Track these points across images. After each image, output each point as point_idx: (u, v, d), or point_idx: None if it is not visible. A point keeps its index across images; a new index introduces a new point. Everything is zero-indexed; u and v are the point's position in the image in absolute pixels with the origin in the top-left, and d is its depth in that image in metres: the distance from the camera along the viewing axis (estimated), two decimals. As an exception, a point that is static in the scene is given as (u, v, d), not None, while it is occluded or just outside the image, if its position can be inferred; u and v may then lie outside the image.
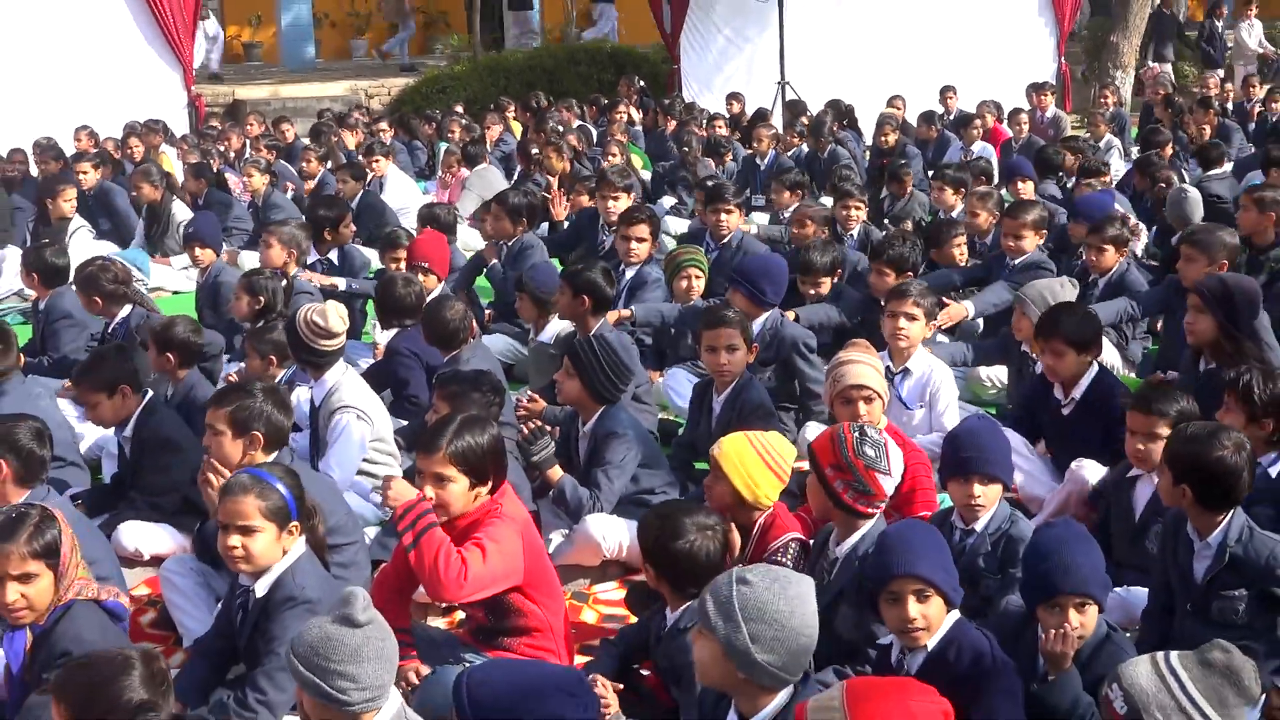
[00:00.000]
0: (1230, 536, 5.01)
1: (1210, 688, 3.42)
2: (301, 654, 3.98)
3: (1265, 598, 4.94)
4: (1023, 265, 9.46)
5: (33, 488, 5.70)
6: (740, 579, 3.94)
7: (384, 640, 4.07)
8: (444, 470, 5.07)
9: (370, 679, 3.98)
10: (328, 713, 3.99)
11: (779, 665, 3.89)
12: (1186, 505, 5.07)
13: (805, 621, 3.93)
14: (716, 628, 3.89)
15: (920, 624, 4.38)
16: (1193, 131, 16.63)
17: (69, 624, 4.61)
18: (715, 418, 7.20)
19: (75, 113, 18.27)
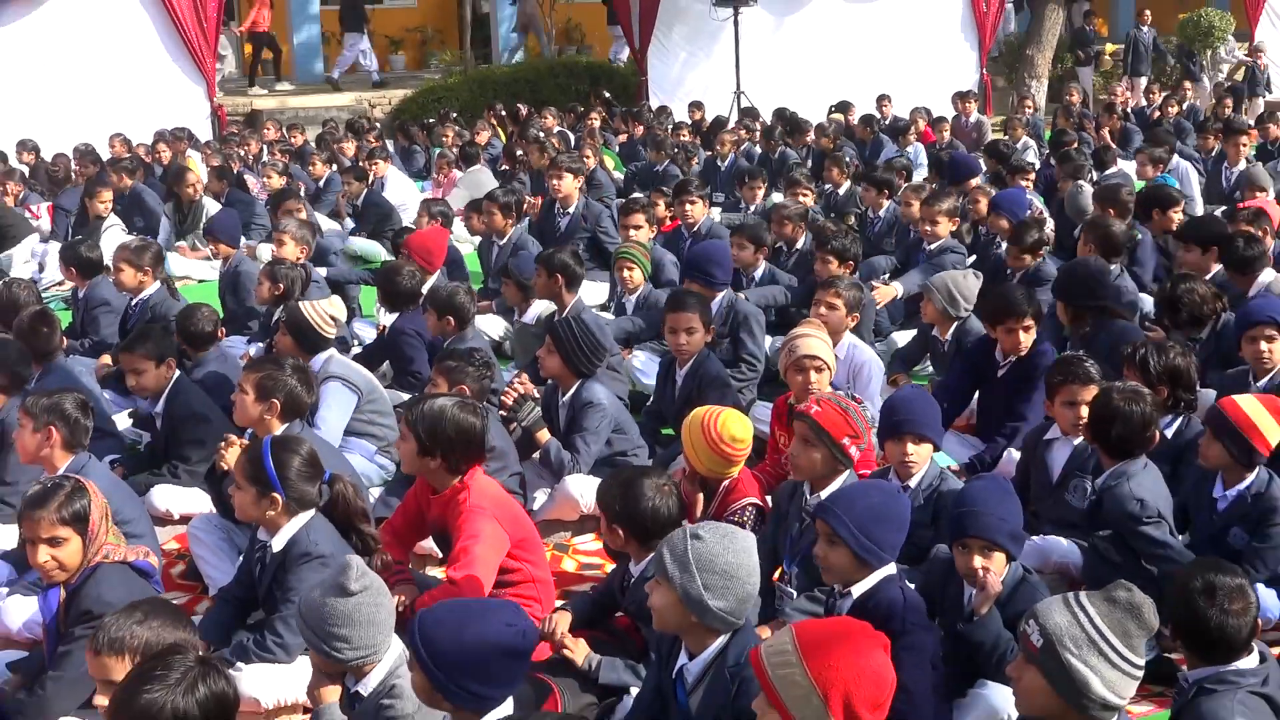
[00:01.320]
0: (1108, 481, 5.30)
1: (1115, 621, 3.42)
2: (306, 617, 4.06)
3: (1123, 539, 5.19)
4: (938, 249, 9.49)
5: (76, 453, 5.69)
6: (694, 535, 3.96)
7: (376, 606, 4.10)
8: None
9: (361, 640, 4.05)
10: (329, 666, 4.10)
11: (728, 610, 3.92)
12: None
13: (750, 572, 3.96)
14: (673, 577, 3.91)
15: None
16: (1103, 133, 16.67)
17: (93, 586, 4.60)
18: (678, 389, 7.24)
19: (110, 121, 18.13)
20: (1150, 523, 5.11)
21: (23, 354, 6.88)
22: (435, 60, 28.17)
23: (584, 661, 4.82)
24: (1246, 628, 3.85)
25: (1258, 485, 5.34)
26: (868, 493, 4.63)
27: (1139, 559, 5.17)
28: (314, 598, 4.08)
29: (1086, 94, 22.76)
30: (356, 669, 4.10)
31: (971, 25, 23.45)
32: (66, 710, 4.63)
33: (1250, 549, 5.27)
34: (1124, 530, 5.15)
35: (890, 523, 4.48)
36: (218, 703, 3.35)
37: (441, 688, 3.58)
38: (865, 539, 4.39)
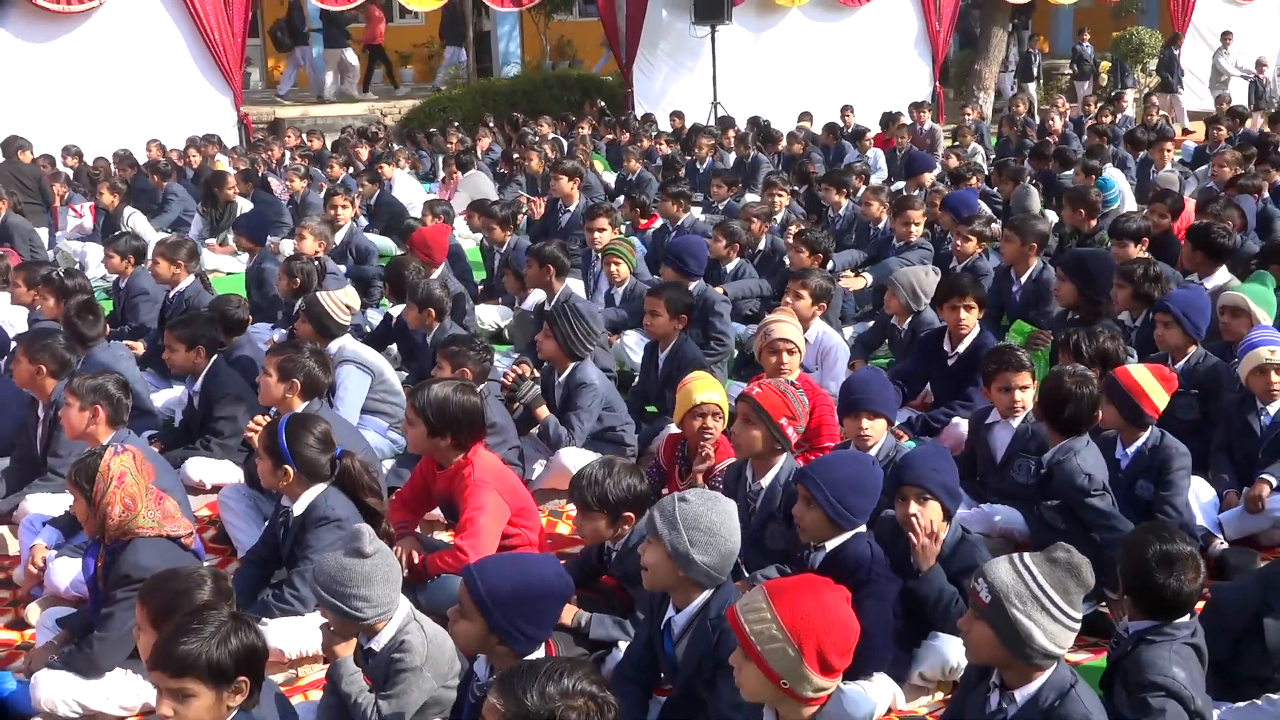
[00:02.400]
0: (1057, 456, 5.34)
1: (1056, 580, 3.45)
2: (323, 582, 4.06)
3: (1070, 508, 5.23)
4: (904, 245, 9.51)
5: (117, 429, 5.70)
6: (681, 498, 4.01)
7: (390, 566, 4.15)
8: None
9: (379, 598, 4.08)
10: (348, 627, 4.11)
11: (712, 565, 3.97)
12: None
13: (731, 530, 4.01)
14: (663, 535, 3.95)
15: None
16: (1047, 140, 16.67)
17: (131, 554, 4.59)
18: (660, 370, 7.28)
19: (146, 128, 18.08)
20: (1096, 495, 5.16)
21: (70, 341, 6.87)
22: (441, 73, 28.08)
23: (573, 620, 4.84)
24: (1197, 594, 3.90)
25: (1152, 440, 5.55)
26: (844, 463, 4.69)
27: (1083, 526, 5.20)
28: (330, 563, 4.09)
29: (1032, 103, 22.75)
30: (369, 628, 4.12)
31: (925, 41, 23.46)
32: (111, 664, 4.66)
33: (1158, 497, 5.44)
34: (1072, 502, 5.18)
35: (863, 491, 4.54)
36: (248, 653, 3.38)
37: (500, 630, 3.59)
38: (839, 504, 4.46)
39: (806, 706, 3.18)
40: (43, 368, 6.43)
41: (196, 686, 3.29)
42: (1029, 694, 3.52)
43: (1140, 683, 3.77)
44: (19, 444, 6.66)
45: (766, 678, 3.14)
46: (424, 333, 7.84)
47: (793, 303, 7.42)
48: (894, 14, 23.06)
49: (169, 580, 3.91)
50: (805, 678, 3.14)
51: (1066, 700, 3.47)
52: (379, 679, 4.17)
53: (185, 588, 3.84)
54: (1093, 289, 7.46)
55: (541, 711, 2.77)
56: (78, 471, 4.72)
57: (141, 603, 3.89)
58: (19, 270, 9.39)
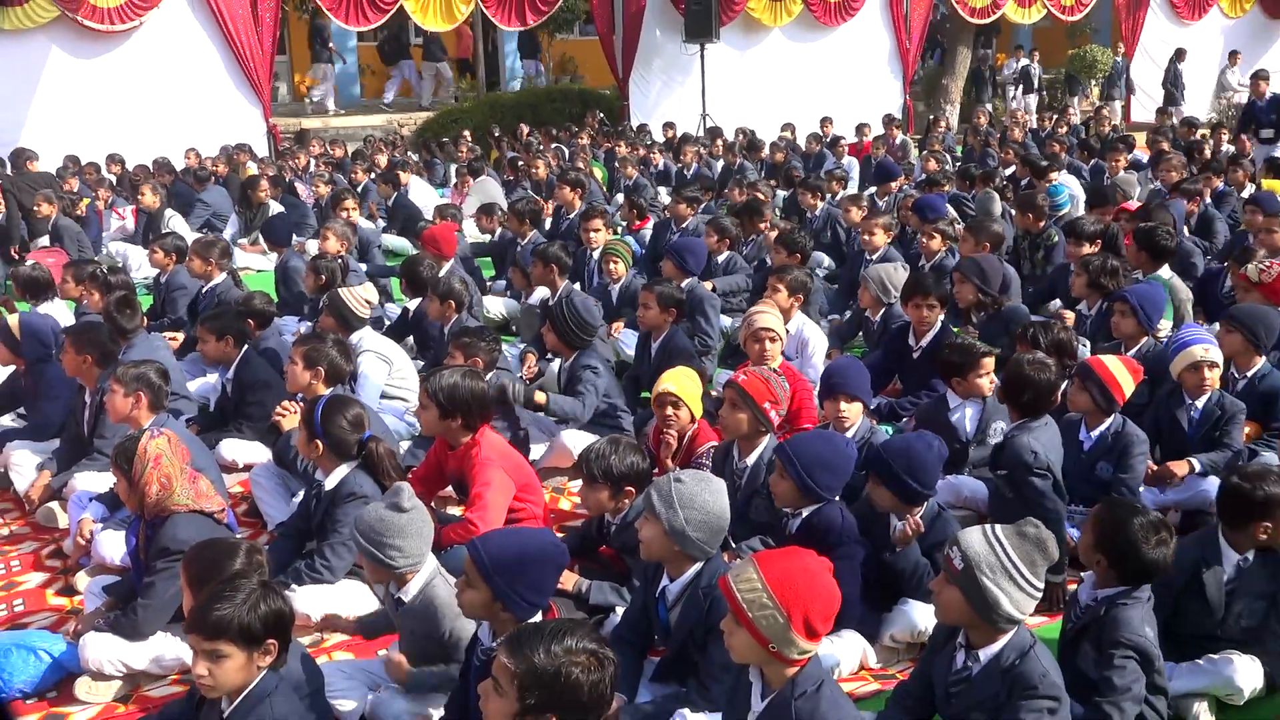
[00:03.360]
0: (1012, 431, 5.37)
1: (1024, 552, 3.45)
2: (363, 531, 4.09)
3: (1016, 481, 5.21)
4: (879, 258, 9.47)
5: (157, 414, 5.69)
6: (676, 479, 4.01)
7: (424, 522, 4.17)
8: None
9: (412, 550, 4.10)
10: (381, 574, 4.14)
11: (704, 540, 3.98)
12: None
13: (722, 508, 4.02)
14: (660, 513, 3.95)
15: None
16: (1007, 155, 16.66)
17: (170, 528, 4.60)
18: (653, 359, 7.28)
19: (183, 138, 18.12)
20: (1038, 474, 5.13)
21: (111, 333, 6.88)
22: (453, 87, 28.03)
23: (574, 586, 4.84)
24: (1169, 561, 3.92)
25: (1115, 426, 5.54)
26: (817, 441, 4.69)
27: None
28: (370, 514, 4.12)
29: (992, 116, 22.76)
30: (400, 577, 4.14)
31: (897, 58, 23.47)
32: (153, 629, 4.67)
33: (1116, 479, 5.45)
34: (1016, 475, 5.19)
35: (833, 470, 4.56)
36: (277, 618, 3.39)
37: (503, 596, 3.58)
38: (809, 479, 4.49)
39: (790, 667, 3.18)
40: (89, 357, 6.44)
41: (229, 648, 3.30)
42: (992, 653, 3.53)
43: (1113, 640, 3.79)
44: (68, 426, 6.66)
45: (757, 642, 3.14)
46: (441, 324, 7.82)
47: (772, 295, 7.44)
48: (868, 33, 23.07)
49: (210, 549, 3.94)
50: (792, 642, 3.14)
51: (1026, 659, 3.48)
52: (420, 630, 4.18)
53: (224, 556, 3.86)
54: (988, 286, 7.61)
55: (548, 667, 2.77)
56: (118, 453, 4.73)
57: (185, 569, 3.91)
58: (68, 268, 9.41)
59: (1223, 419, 5.74)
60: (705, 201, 13.19)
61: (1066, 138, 18.06)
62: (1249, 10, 25.77)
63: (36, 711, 4.56)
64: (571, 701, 2.78)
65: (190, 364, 8.25)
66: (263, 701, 3.32)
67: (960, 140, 20.07)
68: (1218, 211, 10.97)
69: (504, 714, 2.82)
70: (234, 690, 3.36)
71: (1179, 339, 5.87)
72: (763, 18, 21.98)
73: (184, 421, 6.59)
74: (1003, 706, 3.48)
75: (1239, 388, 6.13)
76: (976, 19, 23.26)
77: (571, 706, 2.78)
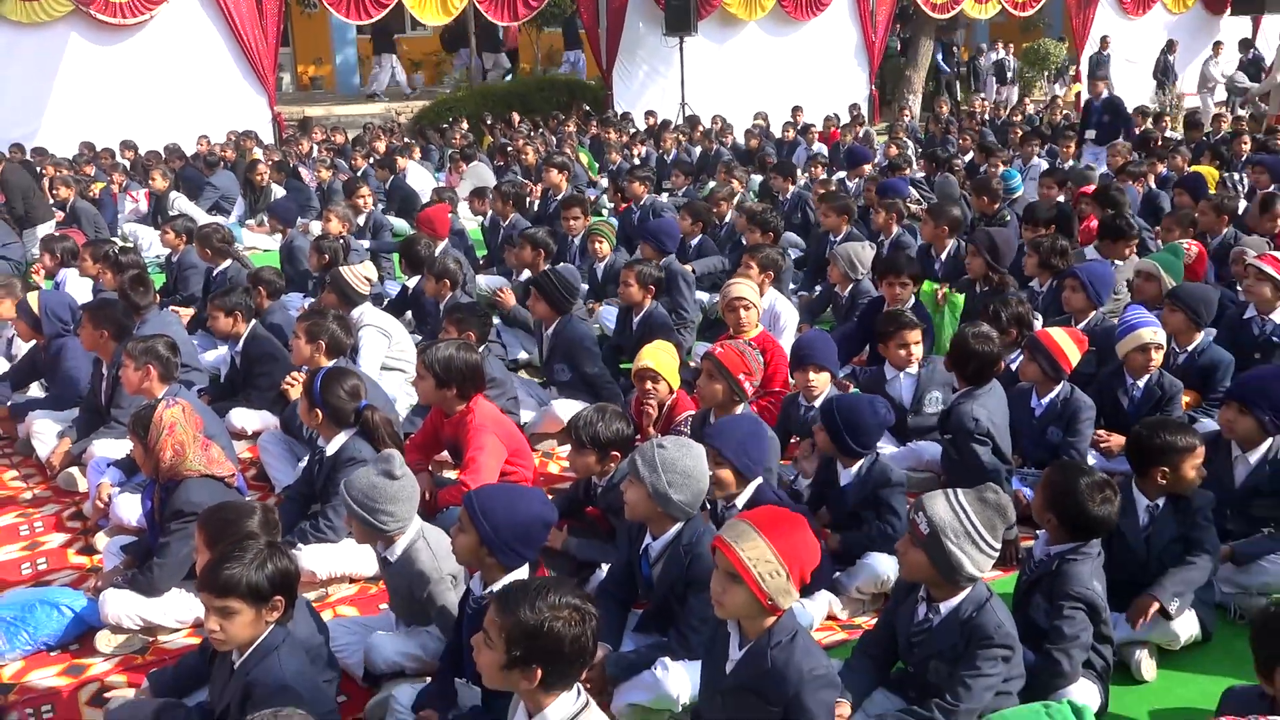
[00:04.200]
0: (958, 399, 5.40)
1: (986, 518, 3.47)
2: (355, 496, 4.07)
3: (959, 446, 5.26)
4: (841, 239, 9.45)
5: (169, 385, 5.66)
6: (659, 445, 4.00)
7: (413, 488, 4.17)
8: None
9: (402, 514, 4.11)
10: (370, 536, 4.15)
11: (685, 502, 3.97)
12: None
13: (702, 474, 4.02)
14: (644, 477, 3.95)
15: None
16: (965, 141, 16.65)
17: (182, 492, 4.60)
18: (634, 332, 7.27)
19: (193, 125, 18.03)
20: (978, 440, 5.17)
21: (125, 309, 6.84)
22: (448, 78, 27.85)
23: (562, 544, 4.84)
24: (1114, 517, 3.94)
25: (1064, 394, 5.57)
26: (737, 423, 4.70)
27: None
28: (362, 480, 4.10)
29: (954, 105, 22.74)
30: (389, 538, 4.14)
31: (863, 50, 23.39)
32: (168, 585, 4.67)
33: (1065, 442, 5.49)
34: (958, 439, 5.23)
35: (759, 443, 4.53)
36: (283, 577, 3.39)
37: (491, 544, 3.59)
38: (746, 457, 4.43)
39: (770, 617, 3.18)
40: (105, 332, 6.40)
41: (239, 605, 3.30)
42: (951, 606, 3.55)
43: (1064, 593, 3.81)
44: (87, 397, 6.63)
45: (757, 597, 3.13)
46: (437, 300, 7.79)
47: (744, 272, 7.46)
48: (836, 27, 22.98)
49: (225, 511, 3.93)
50: (789, 594, 3.15)
51: (982, 612, 3.50)
52: (400, 588, 4.21)
53: (238, 517, 3.86)
54: (998, 260, 7.53)
55: (534, 621, 2.78)
56: (135, 421, 4.72)
57: (201, 529, 3.90)
58: (85, 248, 9.39)
59: (1163, 399, 5.72)
60: (685, 186, 13.17)
61: (1022, 125, 18.05)
62: (1191, 7, 25.81)
63: (60, 663, 4.56)
64: (555, 653, 2.79)
65: (202, 338, 8.22)
66: (271, 654, 3.32)
67: (923, 127, 20.04)
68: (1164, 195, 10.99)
69: (493, 664, 2.84)
70: (244, 644, 3.36)
71: (1127, 321, 5.83)
72: (738, 12, 21.87)
73: (196, 392, 6.60)
74: (961, 655, 3.51)
75: (1180, 361, 6.15)
76: (937, 14, 23.19)
77: (555, 658, 2.80)
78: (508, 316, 8.13)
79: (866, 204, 10.82)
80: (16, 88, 17.35)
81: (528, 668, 2.80)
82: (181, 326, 7.70)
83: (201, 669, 3.84)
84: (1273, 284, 6.49)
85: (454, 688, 3.83)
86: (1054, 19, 26.60)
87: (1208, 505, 4.38)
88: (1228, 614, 4.58)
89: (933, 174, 12.88)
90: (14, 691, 4.37)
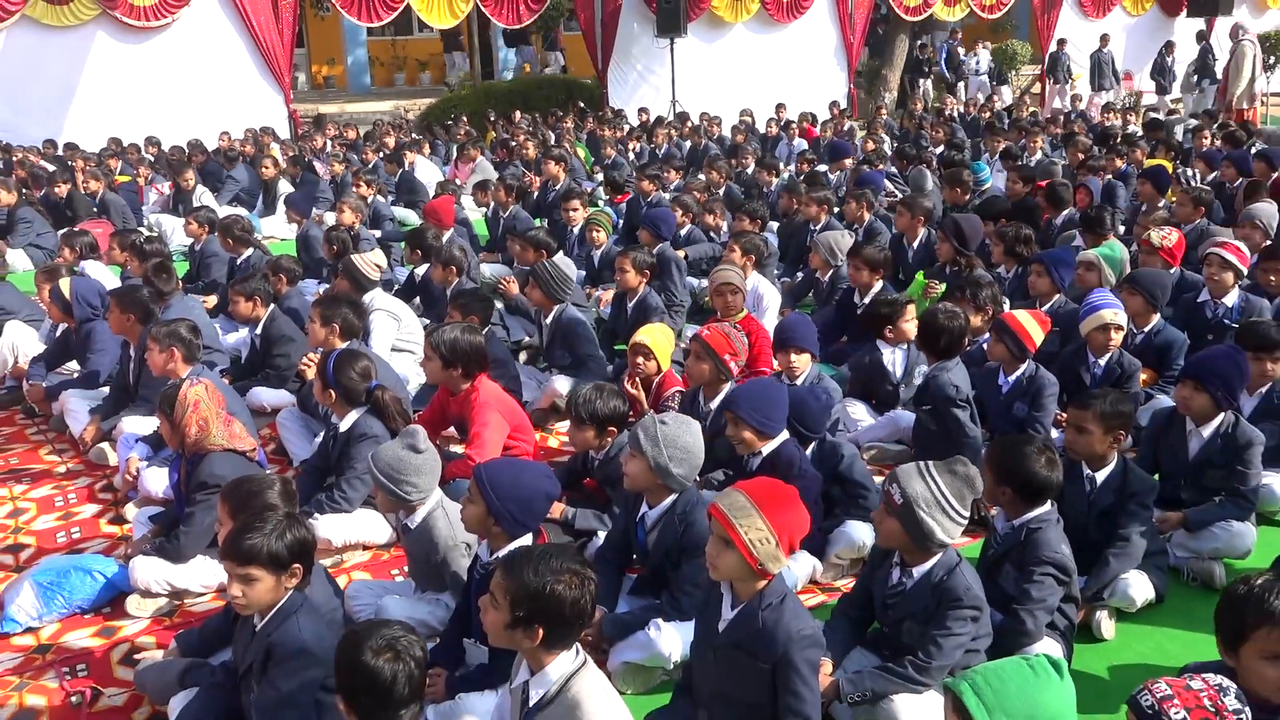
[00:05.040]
0: (933, 371, 5.42)
1: (956, 489, 3.47)
2: (382, 468, 4.10)
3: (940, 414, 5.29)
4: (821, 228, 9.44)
5: (193, 365, 5.64)
6: (661, 421, 4.01)
7: (435, 462, 4.19)
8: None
9: (425, 485, 4.13)
10: (394, 505, 4.16)
11: (684, 475, 3.99)
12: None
13: (699, 447, 4.04)
14: (646, 450, 3.96)
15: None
16: (939, 135, 16.58)
17: (206, 465, 4.59)
18: (629, 315, 7.25)
19: (214, 122, 17.92)
20: (960, 407, 5.22)
21: (151, 295, 6.82)
22: (452, 77, 27.73)
23: (562, 514, 4.85)
24: (1060, 478, 3.94)
25: (1029, 371, 5.56)
26: (756, 389, 4.73)
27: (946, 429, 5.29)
28: (389, 452, 4.13)
29: (927, 101, 22.67)
30: (410, 507, 4.15)
31: (842, 50, 23.30)
32: (193, 553, 4.67)
33: (1030, 416, 5.48)
34: (941, 409, 5.24)
35: (778, 407, 4.59)
36: (301, 545, 3.38)
37: (497, 514, 3.60)
38: (761, 418, 4.51)
39: (761, 580, 3.19)
40: (131, 316, 6.37)
41: (259, 572, 3.29)
42: (924, 570, 3.55)
43: (1035, 559, 3.81)
44: (116, 377, 6.62)
45: (748, 562, 3.13)
46: (444, 286, 7.77)
47: (729, 256, 7.49)
48: (817, 29, 22.89)
49: (247, 483, 3.91)
50: (778, 559, 3.15)
51: (952, 575, 3.51)
52: (419, 554, 4.21)
53: (259, 489, 3.85)
54: (964, 244, 7.54)
55: (537, 584, 2.79)
56: (162, 399, 4.71)
57: (223, 500, 3.89)
58: (113, 237, 9.35)
59: (1122, 376, 5.73)
60: (676, 180, 13.11)
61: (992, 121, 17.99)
62: (1148, 9, 25.75)
63: (94, 625, 4.56)
64: (556, 614, 2.80)
65: (224, 321, 8.19)
66: (290, 617, 3.32)
67: (898, 123, 19.98)
68: (1122, 186, 10.98)
69: (499, 624, 2.85)
70: (265, 608, 3.36)
71: (1090, 303, 5.83)
72: (725, 15, 21.80)
73: (218, 372, 6.56)
74: (932, 615, 3.51)
75: (1138, 342, 6.16)
76: (910, 16, 23.13)
77: (556, 619, 2.81)
78: (511, 304, 8.09)
79: (848, 195, 10.80)
80: (46, 86, 17.32)
81: (530, 627, 2.81)
82: (203, 311, 7.68)
83: (225, 630, 3.84)
84: (1234, 270, 6.52)
85: (462, 647, 3.84)
86: (1021, 20, 26.50)
87: (1147, 492, 4.32)
88: (1181, 576, 4.60)
89: (904, 169, 12.86)
90: (51, 651, 4.37)
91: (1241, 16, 21.46)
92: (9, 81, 17.14)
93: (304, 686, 3.24)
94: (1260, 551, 4.71)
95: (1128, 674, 3.97)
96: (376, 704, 2.68)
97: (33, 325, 7.84)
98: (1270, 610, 2.72)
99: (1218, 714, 2.29)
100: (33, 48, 17.10)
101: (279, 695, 3.22)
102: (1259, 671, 2.73)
